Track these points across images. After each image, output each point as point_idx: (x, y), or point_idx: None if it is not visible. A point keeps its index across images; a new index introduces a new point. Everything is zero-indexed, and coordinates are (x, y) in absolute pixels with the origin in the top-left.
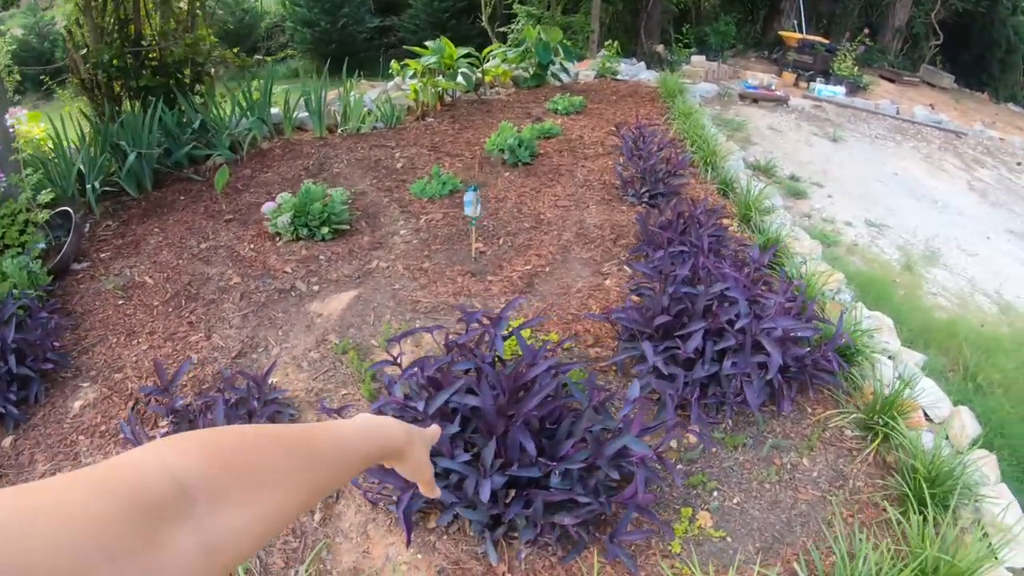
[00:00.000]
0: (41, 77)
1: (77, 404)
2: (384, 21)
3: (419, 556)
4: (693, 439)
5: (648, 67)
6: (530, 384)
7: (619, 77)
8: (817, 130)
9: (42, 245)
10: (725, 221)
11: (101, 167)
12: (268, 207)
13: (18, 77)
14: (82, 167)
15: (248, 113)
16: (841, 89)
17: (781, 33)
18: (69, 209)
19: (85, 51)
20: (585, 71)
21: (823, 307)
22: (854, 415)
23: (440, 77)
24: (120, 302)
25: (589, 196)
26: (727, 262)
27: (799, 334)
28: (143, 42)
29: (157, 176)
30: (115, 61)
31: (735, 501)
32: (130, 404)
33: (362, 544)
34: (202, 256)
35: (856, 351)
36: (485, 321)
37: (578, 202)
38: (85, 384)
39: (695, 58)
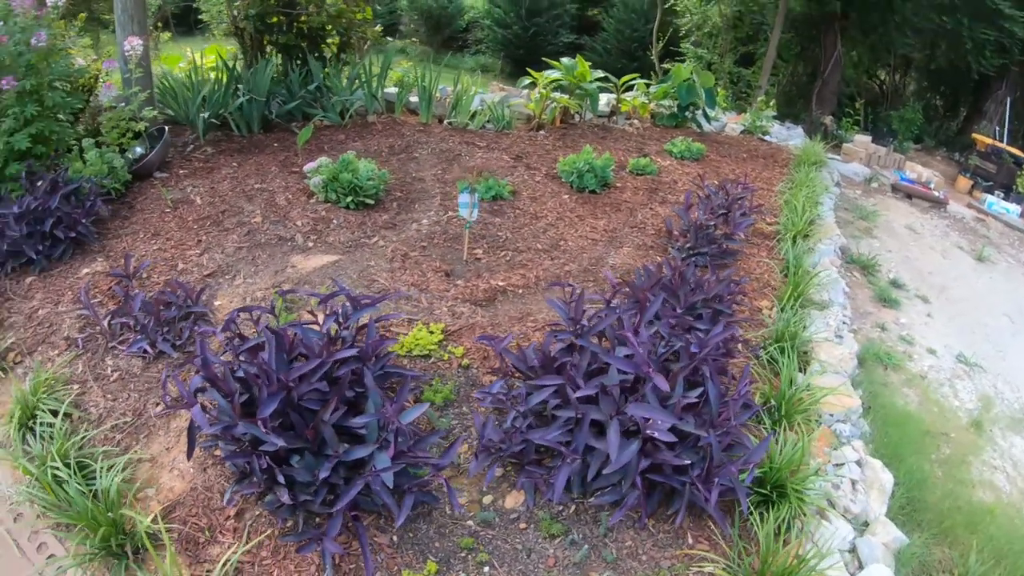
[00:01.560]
0: (201, 17)
1: (85, 270)
2: (578, 39)
3: (192, 470)
4: (509, 502)
5: (807, 135)
6: (336, 364)
7: (767, 137)
8: (964, 244)
9: (140, 150)
10: (763, 303)
11: (217, 102)
12: (309, 167)
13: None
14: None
15: (364, 86)
16: (1018, 208)
17: (974, 135)
18: (165, 127)
19: (238, 4)
20: (735, 124)
21: (808, 432)
22: (735, 572)
23: (561, 93)
24: (167, 210)
25: (631, 238)
26: (675, 336)
27: (655, 433)
28: (295, 5)
29: (268, 122)
30: (267, 19)
31: None
32: (113, 282)
33: (171, 442)
34: (248, 193)
35: (781, 494)
36: (349, 302)
37: (614, 240)
38: (100, 259)
39: (859, 137)
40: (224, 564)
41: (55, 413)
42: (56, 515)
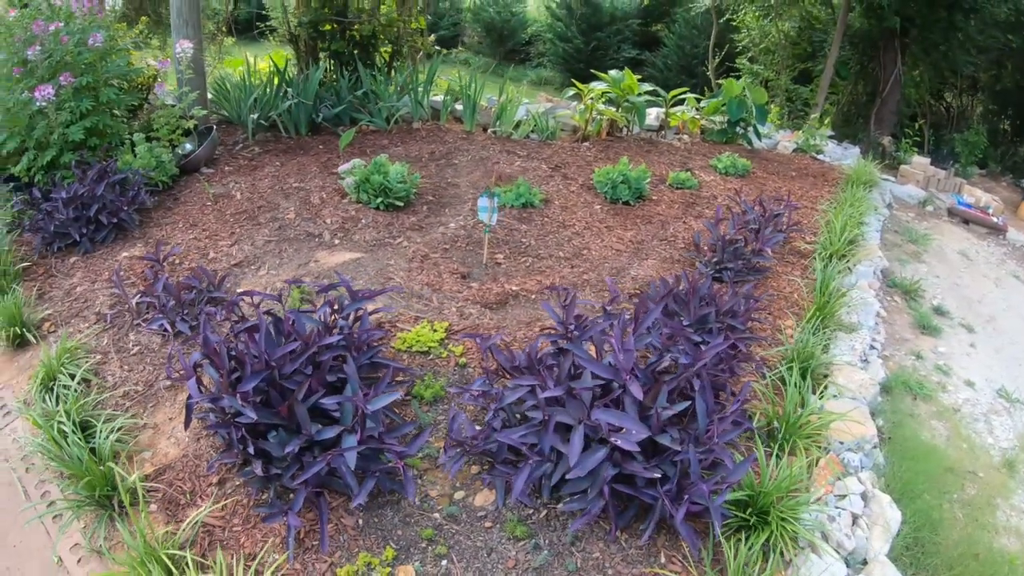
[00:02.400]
0: (261, 24)
1: (124, 254)
2: (640, 55)
3: (187, 439)
4: (479, 500)
5: (864, 155)
6: (321, 349)
7: (820, 157)
8: (1022, 272)
9: (189, 147)
10: (788, 323)
11: (266, 104)
12: (343, 168)
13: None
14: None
15: (411, 93)
16: None
17: None
18: (214, 126)
19: (294, 12)
20: (788, 142)
21: (814, 460)
22: None
23: (608, 106)
24: (207, 204)
25: (659, 251)
26: (670, 348)
27: (618, 441)
28: (348, 14)
29: (316, 125)
30: (320, 26)
31: None
32: (146, 266)
33: (174, 413)
34: (286, 191)
35: (765, 521)
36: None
37: (640, 252)
38: (139, 244)
39: (917, 159)
40: (194, 523)
41: (73, 377)
42: (58, 465)
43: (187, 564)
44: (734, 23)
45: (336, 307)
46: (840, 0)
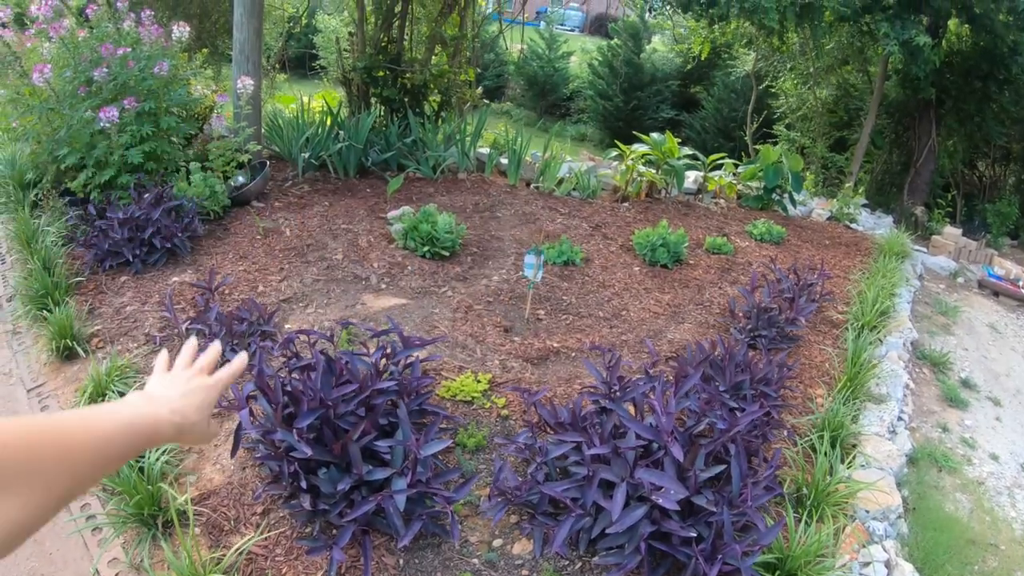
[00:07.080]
0: (313, 64)
1: (174, 279)
2: (678, 115)
3: (232, 467)
4: (517, 548)
5: (897, 225)
6: (375, 393)
7: (853, 225)
8: None
9: (242, 179)
10: (819, 392)
11: (318, 144)
12: (392, 214)
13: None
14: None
15: (458, 144)
16: None
17: None
18: (267, 161)
19: (348, 56)
20: (822, 210)
21: (840, 527)
22: None
23: (648, 168)
24: (257, 237)
25: (695, 315)
26: (707, 413)
27: (660, 500)
28: (401, 62)
29: (364, 169)
30: (373, 72)
31: None
32: (196, 293)
33: (220, 440)
34: (334, 232)
35: None
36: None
37: (677, 316)
38: (190, 270)
39: (948, 229)
40: (239, 551)
41: (122, 395)
42: (105, 481)
43: None
44: (772, 89)
45: (388, 352)
46: (877, 70)
